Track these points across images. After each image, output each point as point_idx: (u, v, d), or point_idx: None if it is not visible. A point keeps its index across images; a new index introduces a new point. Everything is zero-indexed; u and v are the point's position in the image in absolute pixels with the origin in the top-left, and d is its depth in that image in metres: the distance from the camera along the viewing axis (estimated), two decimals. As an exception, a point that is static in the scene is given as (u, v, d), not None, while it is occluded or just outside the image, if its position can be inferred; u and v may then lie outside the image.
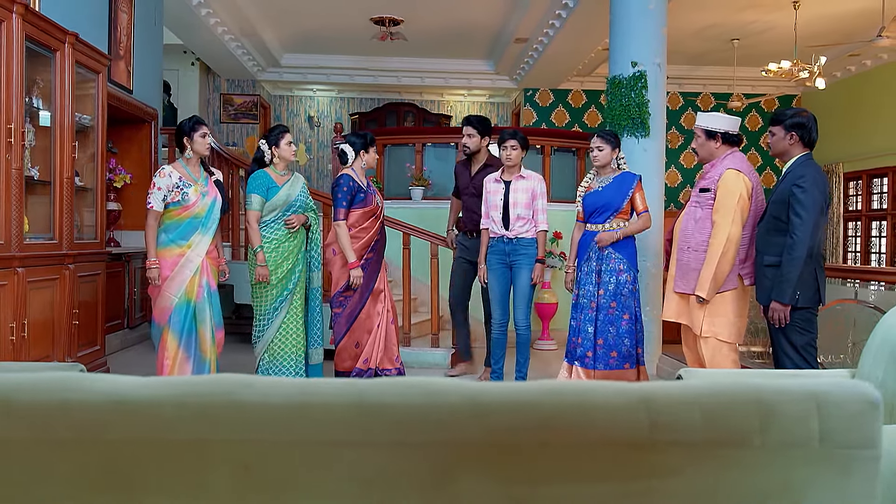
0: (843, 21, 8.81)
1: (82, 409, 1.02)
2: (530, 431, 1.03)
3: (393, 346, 4.90)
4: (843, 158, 10.53)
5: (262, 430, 1.02)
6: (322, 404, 1.03)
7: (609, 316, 4.33)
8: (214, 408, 1.02)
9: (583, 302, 4.42)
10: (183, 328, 4.21)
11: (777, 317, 3.53)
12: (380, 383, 1.04)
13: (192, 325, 4.25)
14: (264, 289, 4.59)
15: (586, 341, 4.38)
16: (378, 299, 4.87)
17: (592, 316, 4.36)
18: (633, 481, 1.04)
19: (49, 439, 1.02)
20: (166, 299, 4.16)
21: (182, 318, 4.19)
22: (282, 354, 4.64)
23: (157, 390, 1.03)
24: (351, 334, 4.84)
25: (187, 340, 4.24)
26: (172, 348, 4.23)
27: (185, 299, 4.19)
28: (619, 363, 4.33)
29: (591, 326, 4.36)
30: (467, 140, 5.21)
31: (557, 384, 1.05)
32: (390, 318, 4.90)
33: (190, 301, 4.21)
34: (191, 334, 4.25)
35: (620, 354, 4.33)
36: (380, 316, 4.87)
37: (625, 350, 4.33)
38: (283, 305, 4.62)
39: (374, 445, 1.03)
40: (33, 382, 1.03)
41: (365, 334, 4.84)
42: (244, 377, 1.06)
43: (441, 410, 1.03)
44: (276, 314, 4.62)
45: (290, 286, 4.62)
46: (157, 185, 4.16)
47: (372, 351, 4.83)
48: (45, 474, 1.03)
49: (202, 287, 4.26)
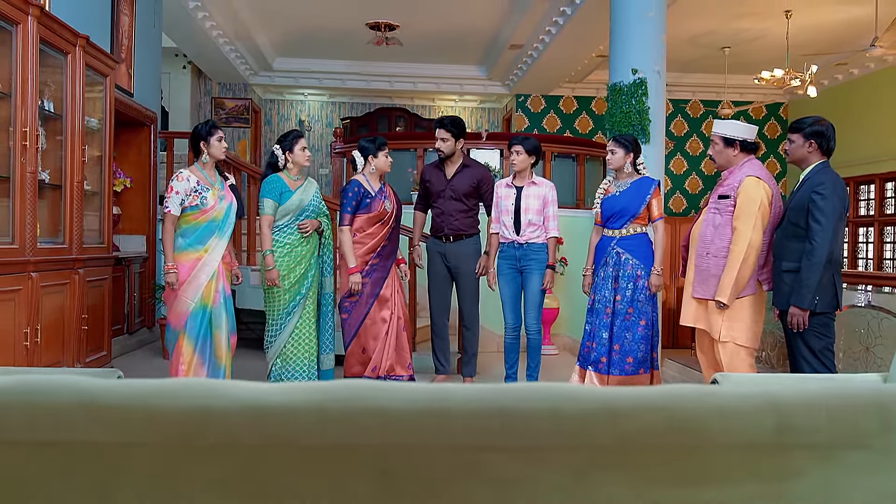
0: (834, 30, 8.98)
1: (222, 415, 1.02)
2: (662, 435, 1.05)
3: (404, 352, 4.89)
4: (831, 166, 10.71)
5: (401, 435, 1.03)
6: (461, 409, 1.04)
7: (626, 322, 4.35)
8: (354, 413, 1.03)
9: (598, 307, 4.44)
10: (199, 334, 4.17)
11: (796, 321, 3.58)
12: (517, 388, 1.06)
13: (208, 330, 4.22)
14: (276, 293, 4.57)
15: (600, 346, 4.40)
16: (385, 305, 4.85)
17: (608, 321, 4.38)
18: (762, 484, 1.06)
19: (189, 446, 1.02)
20: (183, 304, 4.13)
21: (198, 324, 4.16)
22: (294, 360, 4.62)
23: (296, 396, 1.03)
24: (357, 339, 4.83)
25: (203, 346, 4.20)
26: (188, 353, 4.19)
27: (201, 304, 4.16)
28: (634, 369, 4.36)
29: (606, 332, 4.38)
30: (441, 144, 5.00)
31: (687, 388, 1.07)
32: (401, 325, 4.89)
33: (206, 306, 4.18)
34: (206, 340, 4.22)
35: (636, 360, 4.35)
36: (387, 322, 4.84)
37: (640, 356, 4.36)
38: (296, 310, 4.60)
39: (512, 450, 1.04)
40: (175, 388, 1.03)
41: (371, 340, 4.82)
42: (383, 383, 1.07)
43: (576, 415, 1.04)
44: (288, 319, 4.60)
45: (302, 291, 4.60)
46: (175, 188, 4.13)
47: (381, 358, 4.80)
48: (185, 480, 1.03)
49: (219, 292, 4.23)
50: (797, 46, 8.92)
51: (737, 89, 11.44)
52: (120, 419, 1.02)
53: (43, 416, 1.02)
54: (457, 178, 5.03)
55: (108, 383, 1.04)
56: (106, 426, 1.02)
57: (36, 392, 1.02)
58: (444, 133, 4.99)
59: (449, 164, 5.09)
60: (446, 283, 5.13)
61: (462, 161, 5.09)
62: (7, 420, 1.01)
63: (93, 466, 1.03)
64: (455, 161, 5.08)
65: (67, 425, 1.02)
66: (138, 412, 1.02)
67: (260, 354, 6.04)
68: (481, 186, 5.02)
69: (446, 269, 5.10)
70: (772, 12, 8.50)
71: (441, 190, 5.05)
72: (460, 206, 4.94)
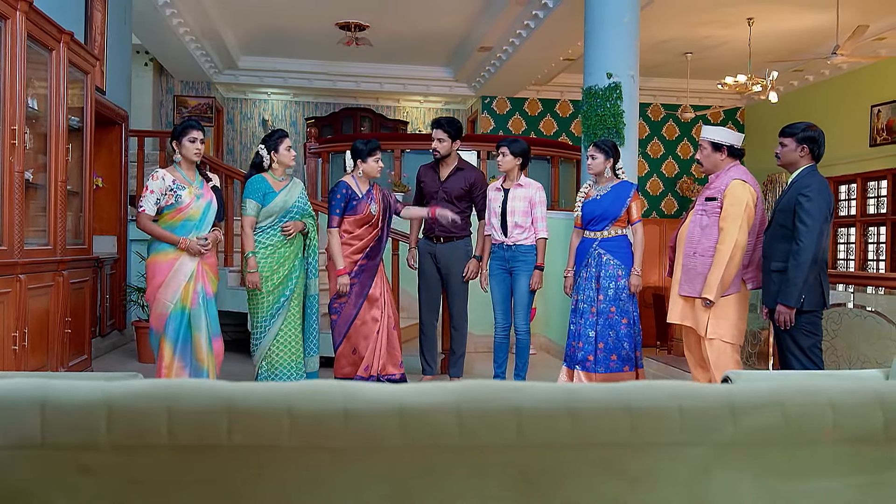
0: (795, 38, 9.28)
1: (363, 417, 1.04)
2: (778, 430, 1.11)
3: (396, 351, 4.90)
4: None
5: (535, 435, 1.07)
6: (591, 409, 1.08)
7: (609, 320, 4.48)
8: (491, 413, 1.06)
9: (582, 307, 4.55)
10: (178, 336, 4.10)
11: (783, 319, 3.72)
12: (645, 387, 1.10)
13: (188, 332, 4.14)
14: (260, 296, 4.52)
15: (587, 345, 4.50)
16: (375, 305, 4.86)
17: (593, 321, 4.49)
18: (869, 474, 1.13)
19: (329, 447, 1.04)
20: (162, 306, 4.05)
21: (177, 326, 4.08)
22: (280, 363, 4.58)
23: (433, 398, 1.06)
24: (347, 340, 4.83)
25: (182, 349, 4.13)
26: (168, 357, 4.11)
27: (180, 306, 4.08)
28: (618, 366, 4.47)
29: (592, 331, 4.49)
30: (437, 144, 5.02)
31: (799, 385, 1.13)
32: (391, 324, 4.90)
33: (185, 308, 4.09)
34: (186, 342, 4.14)
35: (620, 357, 4.47)
36: (378, 322, 4.85)
37: (624, 353, 4.48)
38: (280, 312, 4.56)
39: (641, 447, 1.08)
40: (314, 391, 1.05)
41: (362, 340, 4.82)
42: (515, 384, 1.10)
43: (699, 412, 1.09)
44: (272, 322, 4.55)
45: (286, 293, 4.56)
46: (150, 188, 4.05)
47: (373, 358, 4.82)
48: (325, 482, 1.05)
49: (197, 293, 4.14)
50: (758, 53, 9.21)
51: (696, 93, 11.74)
52: (261, 422, 1.03)
53: (184, 421, 1.02)
54: (450, 181, 5.05)
55: (246, 387, 1.05)
56: (246, 429, 1.03)
57: (176, 397, 1.03)
58: (440, 133, 4.99)
59: (443, 166, 5.10)
60: (436, 283, 5.14)
61: (457, 163, 5.10)
62: (147, 425, 1.02)
63: (233, 470, 1.04)
64: (450, 163, 5.09)
65: (209, 430, 1.02)
66: (280, 415, 1.03)
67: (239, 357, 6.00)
68: (474, 190, 5.05)
69: (436, 270, 5.11)
70: (735, 20, 8.75)
71: (434, 191, 5.06)
72: (451, 209, 4.96)
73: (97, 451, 1.00)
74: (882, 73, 9.49)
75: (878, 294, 4.44)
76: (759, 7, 8.31)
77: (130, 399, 1.01)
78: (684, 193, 12.30)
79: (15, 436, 0.99)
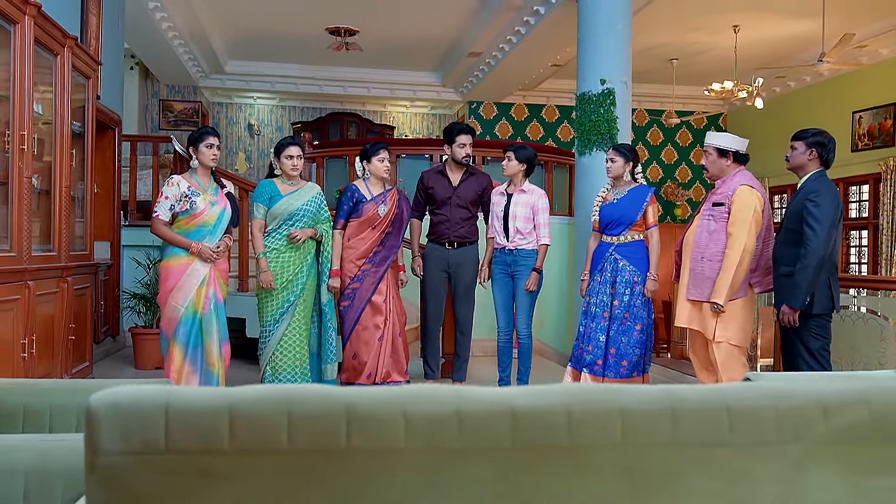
0: (780, 45, 9.46)
1: (476, 418, 1.07)
2: (868, 428, 1.15)
3: (401, 358, 4.91)
4: (769, 174, 11.22)
5: (638, 435, 1.10)
6: (691, 409, 1.12)
7: (622, 326, 4.50)
8: (598, 414, 1.09)
9: (595, 311, 4.57)
10: (189, 341, 4.14)
11: (786, 319, 3.80)
12: (741, 388, 1.14)
13: (199, 337, 4.18)
14: (265, 299, 4.56)
15: (597, 349, 4.53)
16: (378, 311, 4.86)
17: (605, 325, 4.52)
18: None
19: (444, 448, 1.07)
20: (172, 309, 4.10)
21: (188, 331, 4.13)
22: (282, 368, 4.59)
23: (545, 400, 1.09)
24: (349, 345, 4.85)
25: (193, 353, 4.17)
26: (178, 361, 4.16)
27: (191, 311, 4.13)
28: (628, 372, 4.50)
29: (604, 335, 4.51)
30: (469, 149, 5.05)
31: (883, 383, 1.18)
32: (397, 331, 4.91)
33: (196, 313, 4.15)
34: (196, 347, 4.18)
35: (630, 363, 4.50)
36: (380, 329, 4.86)
37: (634, 359, 4.50)
38: (284, 317, 4.58)
39: (738, 445, 1.12)
40: (429, 394, 1.07)
41: (362, 346, 4.82)
42: (618, 386, 1.13)
43: (793, 411, 1.13)
44: (276, 326, 4.58)
45: (291, 298, 4.58)
46: (165, 194, 4.14)
47: (375, 364, 4.81)
48: (440, 482, 1.07)
49: (209, 299, 4.20)
50: (743, 60, 9.36)
51: (681, 99, 11.88)
52: (378, 425, 1.06)
53: (304, 426, 1.04)
54: (463, 186, 5.06)
55: (363, 391, 1.07)
56: (365, 433, 1.05)
57: (297, 402, 1.05)
58: (468, 139, 5.03)
59: (453, 172, 5.11)
60: (443, 288, 5.16)
61: (467, 168, 5.12)
62: (268, 429, 1.04)
63: (351, 472, 1.06)
64: (459, 168, 5.11)
65: (329, 434, 1.04)
66: (396, 418, 1.06)
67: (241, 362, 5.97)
68: (484, 195, 5.10)
69: (446, 275, 5.11)
70: (721, 27, 8.90)
71: (447, 197, 5.05)
72: (465, 214, 5.00)
73: (219, 455, 1.02)
74: (863, 79, 9.70)
75: (881, 296, 4.54)
76: (746, 14, 8.46)
77: (252, 404, 1.03)
78: (669, 198, 12.45)
79: (139, 441, 1.01)
